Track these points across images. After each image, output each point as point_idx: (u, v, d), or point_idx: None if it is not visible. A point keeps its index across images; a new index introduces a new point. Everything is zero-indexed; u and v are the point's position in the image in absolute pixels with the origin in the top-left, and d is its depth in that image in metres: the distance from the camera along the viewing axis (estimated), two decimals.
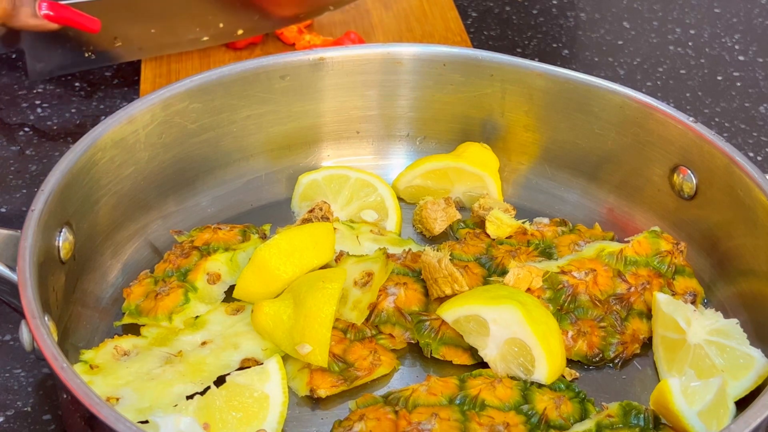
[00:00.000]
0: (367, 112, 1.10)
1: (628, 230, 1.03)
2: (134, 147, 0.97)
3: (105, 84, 1.27)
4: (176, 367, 0.85)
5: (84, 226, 0.91)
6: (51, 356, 0.73)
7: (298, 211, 1.05)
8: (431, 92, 1.09)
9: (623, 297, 0.93)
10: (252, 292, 0.91)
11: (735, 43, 1.41)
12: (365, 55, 1.07)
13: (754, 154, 1.21)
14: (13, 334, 0.95)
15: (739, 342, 0.88)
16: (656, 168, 1.02)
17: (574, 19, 1.45)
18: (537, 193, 1.08)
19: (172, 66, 1.26)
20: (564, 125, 1.06)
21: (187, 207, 1.03)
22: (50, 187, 0.86)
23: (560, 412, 0.83)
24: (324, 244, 0.93)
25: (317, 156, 1.10)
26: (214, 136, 1.03)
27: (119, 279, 0.96)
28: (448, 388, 0.84)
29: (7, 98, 1.24)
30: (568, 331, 0.91)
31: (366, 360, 0.88)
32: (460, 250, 0.97)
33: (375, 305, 0.91)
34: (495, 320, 0.86)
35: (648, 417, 0.82)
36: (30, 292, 0.77)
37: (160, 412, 0.81)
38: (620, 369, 0.91)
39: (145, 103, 0.97)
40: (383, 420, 0.81)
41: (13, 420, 0.87)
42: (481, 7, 1.46)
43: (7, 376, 0.91)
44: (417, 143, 1.12)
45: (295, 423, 0.85)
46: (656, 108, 1.01)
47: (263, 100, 1.04)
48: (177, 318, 0.90)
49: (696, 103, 1.29)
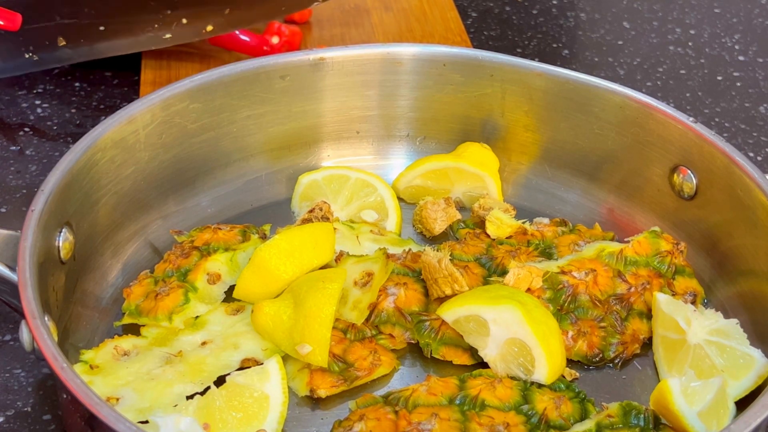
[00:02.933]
0: (367, 112, 1.10)
1: (628, 230, 1.03)
2: (134, 147, 0.97)
3: (105, 84, 1.27)
4: (176, 367, 0.85)
5: (84, 226, 0.91)
6: (51, 356, 0.73)
7: (298, 211, 1.05)
8: (431, 92, 1.09)
9: (623, 297, 0.93)
10: (252, 292, 0.91)
11: (735, 43, 1.41)
12: (365, 55, 1.07)
13: (754, 154, 1.21)
14: (13, 334, 0.95)
15: (739, 342, 0.88)
16: (656, 168, 1.02)
17: (574, 19, 1.45)
18: (537, 193, 1.08)
19: (172, 66, 1.26)
20: (564, 125, 1.06)
21: (187, 207, 1.03)
22: (50, 187, 0.86)
23: (560, 412, 0.83)
24: (324, 244, 0.93)
25: (317, 156, 1.10)
26: (214, 136, 1.03)
27: (119, 279, 0.96)
28: (448, 388, 0.84)
29: (7, 98, 1.24)
30: (568, 331, 0.91)
31: (366, 360, 0.87)
32: (460, 250, 0.97)
33: (375, 305, 0.91)
34: (495, 320, 0.86)
35: (648, 417, 0.82)
36: (30, 292, 0.77)
37: (160, 412, 0.81)
38: (620, 369, 0.91)
39: (145, 103, 0.97)
40: (383, 420, 0.81)
41: (13, 420, 0.87)
42: (481, 7, 1.46)
43: (7, 376, 0.91)
44: (417, 143, 1.12)
45: (295, 423, 0.85)
46: (656, 108, 1.01)
47: (263, 100, 1.04)
48: (177, 318, 0.90)
49: (696, 103, 1.29)
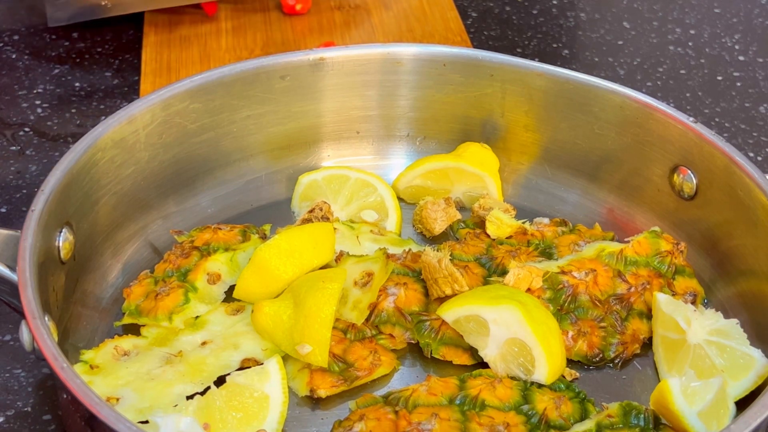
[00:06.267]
0: (367, 112, 1.10)
1: (628, 230, 1.03)
2: (134, 147, 0.97)
3: (105, 84, 1.27)
4: (176, 367, 0.85)
5: (84, 226, 0.91)
6: (51, 356, 0.73)
7: (298, 211, 1.05)
8: (431, 92, 1.09)
9: (623, 297, 0.93)
10: (252, 292, 0.91)
11: (735, 43, 1.41)
12: (365, 55, 1.07)
13: (754, 154, 1.21)
14: (13, 334, 0.95)
15: (739, 342, 0.88)
16: (656, 168, 1.02)
17: (574, 19, 1.45)
18: (537, 193, 1.08)
19: (172, 65, 1.26)
20: (564, 125, 1.06)
21: (187, 207, 1.03)
22: (50, 187, 0.86)
23: (560, 412, 0.83)
24: (324, 244, 0.93)
25: (317, 156, 1.10)
26: (214, 136, 1.03)
27: (119, 279, 0.96)
28: (448, 388, 0.84)
29: (7, 98, 1.24)
30: (568, 331, 0.91)
31: (366, 360, 0.88)
32: (460, 250, 0.97)
33: (375, 305, 0.91)
34: (495, 320, 0.86)
35: (648, 417, 0.82)
36: (30, 292, 0.77)
37: (160, 412, 0.81)
38: (620, 369, 0.91)
39: (145, 103, 0.97)
40: (383, 420, 0.81)
41: (13, 420, 0.87)
42: (481, 7, 1.46)
43: (7, 376, 0.91)
44: (417, 143, 1.12)
45: (295, 423, 0.85)
46: (656, 108, 1.01)
47: (263, 100, 1.04)
48: (177, 318, 0.90)
49: (696, 103, 1.29)
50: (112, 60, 1.30)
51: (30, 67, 1.29)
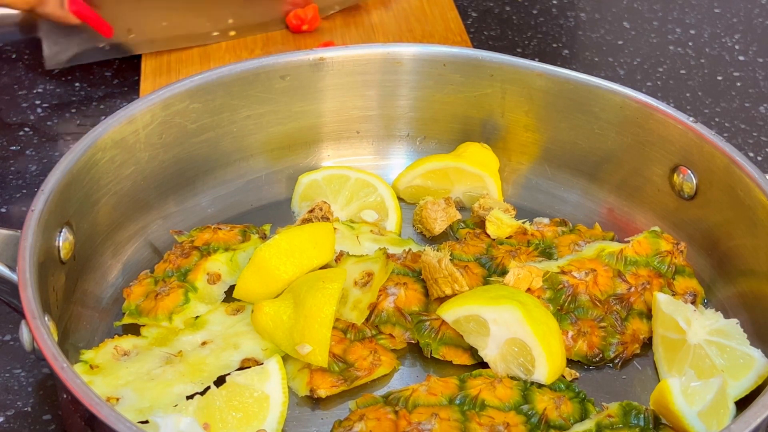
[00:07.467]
0: (367, 112, 1.10)
1: (628, 230, 1.03)
2: (134, 147, 0.97)
3: (105, 84, 1.27)
4: (176, 367, 0.85)
5: (84, 226, 0.91)
6: (51, 356, 0.73)
7: (298, 211, 1.05)
8: (431, 92, 1.09)
9: (623, 297, 0.93)
10: (252, 292, 0.91)
11: (735, 43, 1.41)
12: (365, 55, 1.07)
13: (754, 154, 1.21)
14: (13, 334, 0.95)
15: (739, 342, 0.88)
16: (656, 168, 1.02)
17: (574, 19, 1.45)
18: (537, 193, 1.08)
19: (172, 65, 1.26)
20: (564, 125, 1.06)
21: (187, 207, 1.03)
22: (50, 187, 0.86)
23: (560, 412, 0.83)
24: (324, 244, 0.93)
25: (317, 156, 1.10)
26: (214, 136, 1.03)
27: (119, 279, 0.96)
28: (448, 388, 0.84)
29: (7, 98, 1.24)
30: (568, 331, 0.91)
31: (366, 360, 0.88)
32: (460, 250, 0.97)
33: (375, 305, 0.91)
34: (495, 320, 0.86)
35: (648, 417, 0.82)
36: (30, 292, 0.77)
37: (160, 412, 0.81)
38: (620, 369, 0.91)
39: (145, 103, 0.97)
40: (383, 420, 0.81)
41: (13, 420, 0.87)
42: (481, 7, 1.46)
43: (7, 376, 0.91)
44: (417, 143, 1.12)
45: (295, 423, 0.85)
46: (656, 108, 1.01)
47: (263, 100, 1.04)
48: (177, 318, 0.90)
49: (696, 103, 1.29)
50: (112, 60, 1.30)
51: (30, 67, 1.29)
